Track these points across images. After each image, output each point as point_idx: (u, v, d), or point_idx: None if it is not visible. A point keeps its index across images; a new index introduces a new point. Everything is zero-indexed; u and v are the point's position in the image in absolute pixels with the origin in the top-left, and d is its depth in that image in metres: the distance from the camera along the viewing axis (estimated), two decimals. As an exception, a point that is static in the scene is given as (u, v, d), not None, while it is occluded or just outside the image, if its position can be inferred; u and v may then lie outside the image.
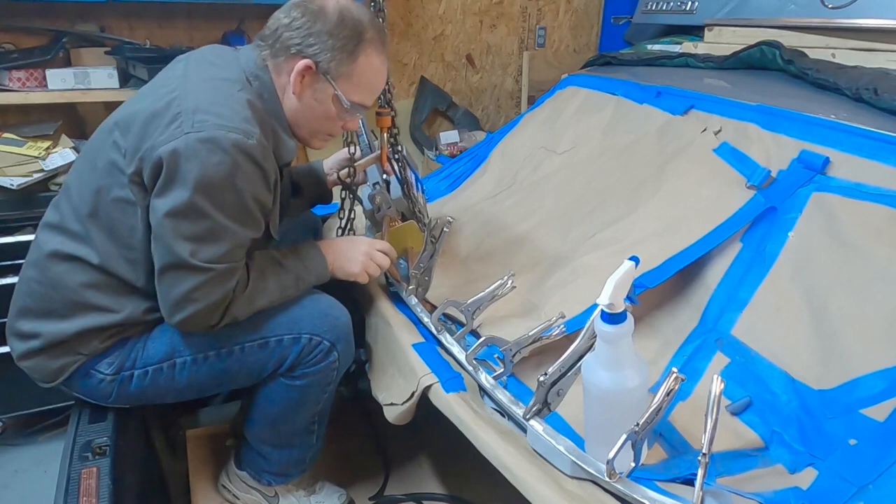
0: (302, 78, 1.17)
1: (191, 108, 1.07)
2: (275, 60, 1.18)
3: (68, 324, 1.17)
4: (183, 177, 1.04)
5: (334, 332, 1.26)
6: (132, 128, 1.10)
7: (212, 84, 1.13)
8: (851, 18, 1.59)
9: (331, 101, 1.20)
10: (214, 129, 1.05)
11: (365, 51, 1.18)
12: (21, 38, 2.12)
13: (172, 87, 1.12)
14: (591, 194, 1.54)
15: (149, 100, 1.13)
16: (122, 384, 1.22)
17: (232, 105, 1.10)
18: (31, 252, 1.23)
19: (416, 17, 2.83)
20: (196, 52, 1.25)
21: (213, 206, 1.07)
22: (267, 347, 1.24)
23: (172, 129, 1.05)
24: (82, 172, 1.18)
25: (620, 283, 0.84)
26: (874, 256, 1.00)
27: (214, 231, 1.08)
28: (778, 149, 1.24)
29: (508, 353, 1.10)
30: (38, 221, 1.25)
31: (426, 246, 1.39)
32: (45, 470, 1.85)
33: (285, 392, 1.30)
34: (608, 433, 0.87)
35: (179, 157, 1.03)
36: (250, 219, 1.13)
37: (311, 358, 1.26)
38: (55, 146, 1.95)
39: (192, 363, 1.23)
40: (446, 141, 2.87)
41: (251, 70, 1.18)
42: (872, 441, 0.85)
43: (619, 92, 1.76)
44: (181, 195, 1.05)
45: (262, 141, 1.10)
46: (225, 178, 1.06)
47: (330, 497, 1.50)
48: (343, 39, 1.15)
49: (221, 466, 1.57)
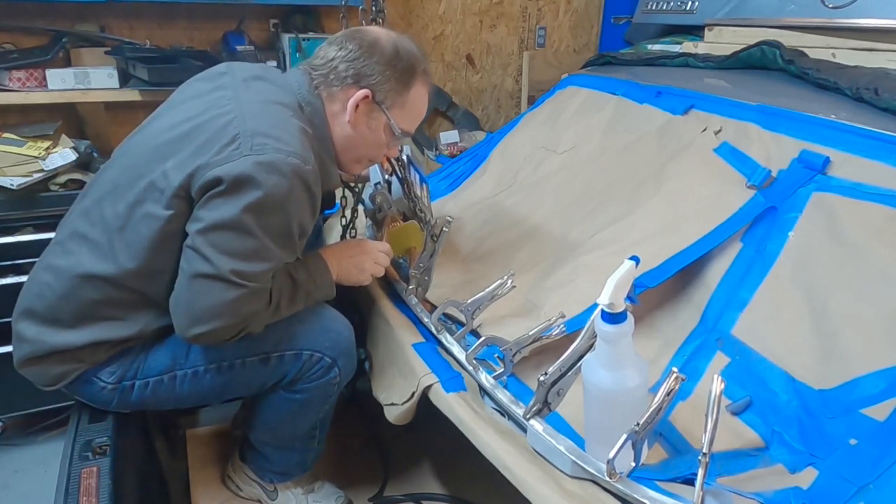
0: (357, 106, 1.20)
1: (249, 132, 1.07)
2: (329, 89, 1.21)
3: (74, 334, 1.16)
4: (238, 196, 1.04)
5: (336, 349, 1.26)
6: (182, 148, 1.09)
7: (269, 108, 1.14)
8: (851, 18, 1.59)
9: (382, 130, 1.25)
10: (274, 152, 1.05)
11: (417, 82, 1.24)
12: (21, 38, 2.12)
13: (227, 109, 1.12)
14: (592, 194, 1.54)
15: (200, 119, 1.12)
16: (123, 393, 1.21)
17: (290, 130, 1.11)
18: (52, 255, 1.19)
19: (416, 17, 2.83)
20: (242, 67, 1.26)
21: (260, 226, 1.07)
22: (268, 363, 1.23)
23: (230, 151, 1.05)
24: (119, 185, 1.14)
25: (621, 282, 0.84)
26: (874, 256, 1.00)
27: (257, 251, 1.08)
28: (778, 148, 1.24)
29: (508, 353, 1.10)
30: (38, 222, 1.24)
31: (426, 246, 1.39)
32: (45, 470, 1.85)
33: (286, 404, 1.30)
34: (608, 433, 0.87)
35: (239, 179, 1.03)
36: (290, 243, 1.14)
37: (312, 374, 1.26)
38: (55, 146, 1.95)
39: (193, 376, 1.23)
40: (446, 141, 2.87)
41: (304, 96, 1.20)
42: (873, 441, 0.85)
43: (620, 92, 1.76)
44: (231, 210, 1.04)
45: (315, 167, 1.12)
46: (279, 201, 1.07)
47: (328, 498, 1.51)
48: (399, 71, 1.20)
49: (222, 465, 1.58)
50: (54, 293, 1.15)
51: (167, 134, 1.13)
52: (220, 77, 1.23)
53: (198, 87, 1.24)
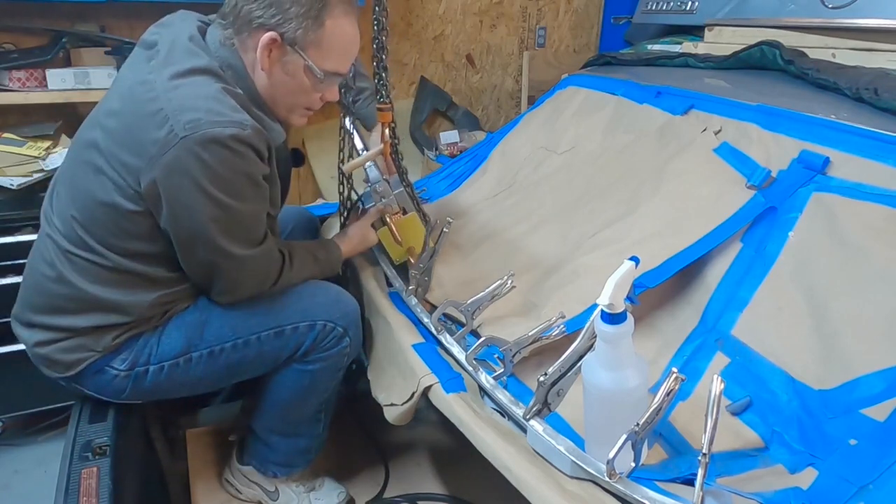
0: (269, 52, 1.11)
1: (176, 108, 1.03)
2: (239, 38, 1.12)
3: (79, 318, 1.16)
4: (195, 182, 1.04)
5: (346, 319, 1.30)
6: (116, 136, 1.08)
7: (189, 79, 1.07)
8: (851, 18, 1.59)
9: (303, 73, 1.14)
10: (208, 126, 1.02)
11: (332, 14, 1.11)
12: (21, 38, 2.12)
13: (149, 87, 1.07)
14: (591, 194, 1.54)
15: (124, 102, 1.09)
16: (136, 380, 1.21)
17: (216, 97, 1.06)
18: (40, 245, 1.20)
19: (416, 17, 2.83)
20: (169, 36, 1.14)
21: (229, 196, 1.08)
22: (283, 335, 1.26)
23: (166, 135, 1.02)
24: (76, 177, 1.15)
25: (620, 283, 0.84)
26: (874, 256, 1.00)
27: (238, 220, 1.12)
28: (778, 149, 1.24)
29: (508, 353, 1.10)
30: (37, 222, 1.24)
31: (425, 246, 1.39)
32: (45, 470, 1.85)
33: (297, 378, 1.32)
34: (608, 433, 0.87)
35: (182, 166, 1.03)
36: (261, 197, 1.17)
37: (326, 343, 1.29)
38: (55, 146, 1.95)
39: (209, 356, 1.23)
40: (446, 141, 2.86)
41: (219, 53, 1.12)
42: (873, 441, 0.85)
43: (619, 92, 1.76)
44: (198, 194, 1.05)
45: (255, 126, 1.08)
46: (232, 171, 1.06)
47: (329, 494, 1.51)
48: (306, 5, 1.09)
49: (222, 466, 1.58)
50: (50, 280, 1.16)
51: (103, 117, 1.12)
52: (152, 51, 1.14)
53: (132, 65, 1.18)
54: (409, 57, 2.90)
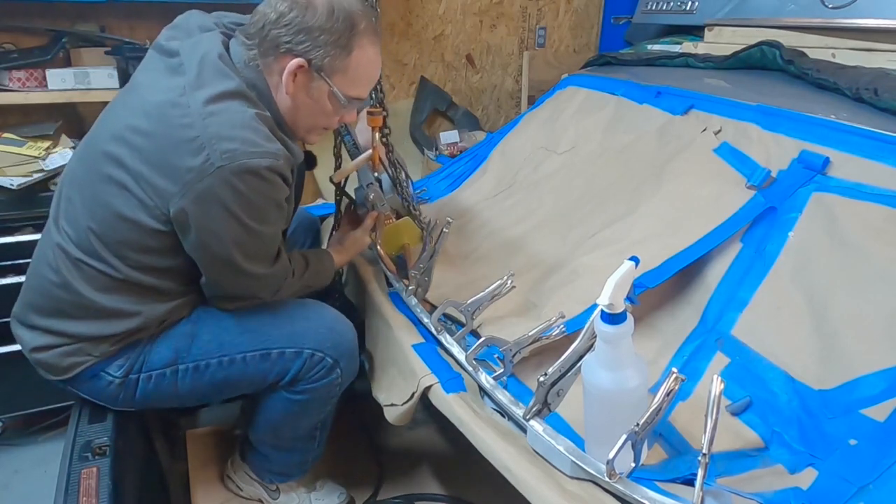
0: (295, 77, 1.12)
1: (212, 136, 1.02)
2: (264, 60, 1.12)
3: (81, 324, 1.16)
4: (226, 209, 1.05)
5: (338, 349, 1.26)
6: (147, 157, 1.06)
7: (224, 104, 1.06)
8: (851, 18, 1.59)
9: (327, 98, 1.16)
10: (245, 157, 1.03)
11: (359, 43, 1.12)
12: (21, 38, 2.11)
13: (183, 112, 1.04)
14: (591, 194, 1.54)
15: (153, 123, 1.06)
16: (128, 388, 1.21)
17: (251, 125, 1.06)
18: (46, 249, 1.18)
19: (416, 17, 2.83)
20: (192, 49, 1.11)
21: (257, 222, 1.10)
22: (268, 359, 1.23)
23: (202, 164, 1.02)
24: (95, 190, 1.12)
25: (620, 283, 0.84)
26: (874, 256, 1.00)
27: (263, 242, 1.15)
28: (778, 149, 1.24)
29: (508, 354, 1.10)
30: (38, 222, 1.24)
31: (425, 246, 1.39)
32: (45, 470, 1.85)
33: (286, 404, 1.30)
34: (608, 433, 0.87)
35: (216, 194, 1.04)
36: (283, 218, 1.21)
37: (314, 374, 1.25)
38: (55, 146, 1.95)
39: (194, 370, 1.22)
40: (446, 141, 2.86)
41: (247, 76, 1.12)
42: (872, 441, 0.85)
43: (619, 92, 1.76)
44: (229, 221, 1.07)
45: (285, 154, 1.09)
46: (264, 199, 1.09)
47: (330, 495, 1.51)
48: (336, 34, 1.09)
49: (222, 465, 1.58)
50: (54, 286, 1.15)
51: (128, 133, 1.08)
52: (175, 61, 1.12)
53: (153, 75, 1.14)
54: (409, 57, 2.90)
